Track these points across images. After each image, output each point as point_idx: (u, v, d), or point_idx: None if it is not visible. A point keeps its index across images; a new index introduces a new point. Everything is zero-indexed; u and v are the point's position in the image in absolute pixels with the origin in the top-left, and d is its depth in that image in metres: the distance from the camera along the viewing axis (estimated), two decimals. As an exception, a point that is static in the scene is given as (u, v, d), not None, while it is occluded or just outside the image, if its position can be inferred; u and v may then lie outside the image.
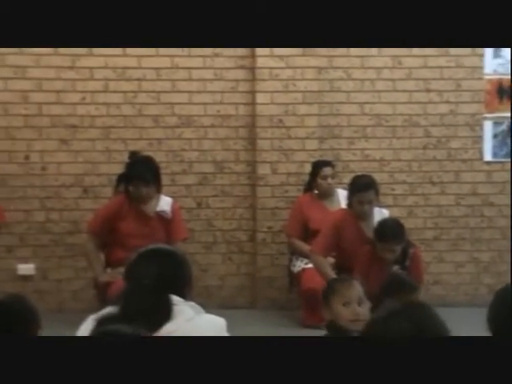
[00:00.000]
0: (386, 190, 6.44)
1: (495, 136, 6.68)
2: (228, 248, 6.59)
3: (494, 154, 6.68)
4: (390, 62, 6.61)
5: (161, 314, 2.62)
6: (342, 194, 5.83)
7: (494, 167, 6.67)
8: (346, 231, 5.34)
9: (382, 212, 5.38)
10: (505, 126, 6.64)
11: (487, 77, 6.62)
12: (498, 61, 6.62)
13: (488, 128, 6.66)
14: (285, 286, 6.32)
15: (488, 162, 6.66)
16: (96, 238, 5.38)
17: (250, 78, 6.47)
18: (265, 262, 6.51)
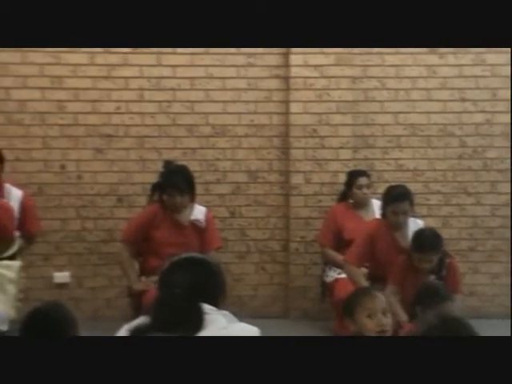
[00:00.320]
0: (421, 200, 6.40)
1: (531, 146, 6.61)
2: (261, 258, 6.59)
3: (531, 164, 6.60)
4: (424, 72, 6.58)
5: (193, 322, 2.61)
6: (376, 204, 5.80)
7: (530, 177, 6.60)
8: (380, 241, 5.31)
9: (416, 222, 5.34)
10: (541, 136, 6.57)
11: (523, 86, 6.57)
12: (535, 70, 6.56)
13: (524, 138, 6.60)
14: (317, 296, 6.30)
15: (524, 172, 6.60)
16: (130, 246, 5.40)
17: (283, 88, 6.48)
18: (298, 272, 6.51)
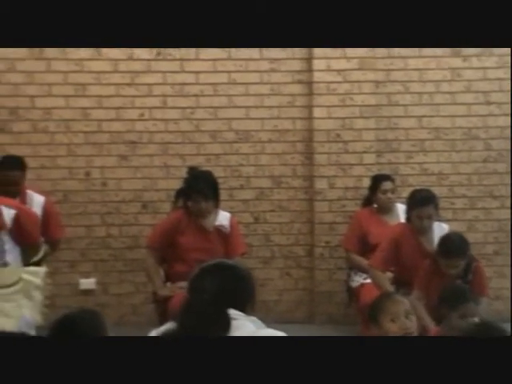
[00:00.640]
0: (446, 204, 6.37)
1: (557, 148, 6.55)
2: (286, 263, 6.58)
3: (556, 167, 6.55)
4: (448, 75, 6.55)
5: (219, 328, 2.61)
6: (401, 208, 5.78)
7: (556, 180, 6.54)
8: (405, 246, 5.29)
9: (441, 226, 5.32)
10: None
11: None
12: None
13: (549, 140, 6.55)
14: (343, 300, 6.29)
15: (550, 175, 6.55)
16: (155, 252, 5.41)
17: (307, 93, 6.47)
18: (323, 277, 6.50)
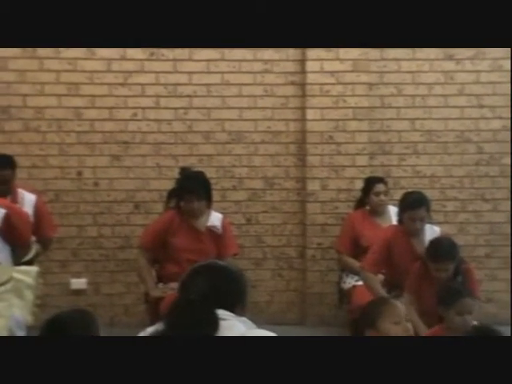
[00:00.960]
0: (437, 207, 6.38)
1: (549, 152, 6.57)
2: (277, 264, 6.59)
3: (548, 171, 6.57)
4: (441, 78, 6.57)
5: (207, 328, 2.60)
6: (393, 210, 5.79)
7: (547, 184, 6.56)
8: (397, 248, 5.30)
9: (433, 229, 5.32)
10: (559, 142, 6.53)
11: (541, 92, 6.54)
12: (552, 76, 6.53)
13: (541, 144, 6.57)
14: (334, 302, 6.29)
15: (542, 179, 6.57)
16: (147, 252, 5.41)
17: (300, 94, 6.48)
18: (314, 279, 6.50)
